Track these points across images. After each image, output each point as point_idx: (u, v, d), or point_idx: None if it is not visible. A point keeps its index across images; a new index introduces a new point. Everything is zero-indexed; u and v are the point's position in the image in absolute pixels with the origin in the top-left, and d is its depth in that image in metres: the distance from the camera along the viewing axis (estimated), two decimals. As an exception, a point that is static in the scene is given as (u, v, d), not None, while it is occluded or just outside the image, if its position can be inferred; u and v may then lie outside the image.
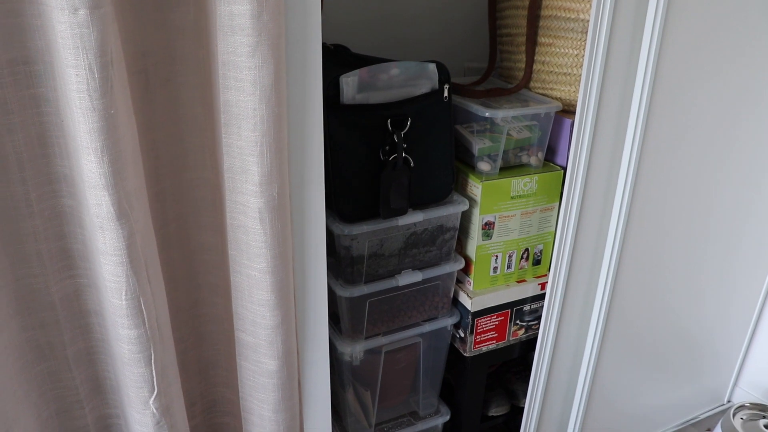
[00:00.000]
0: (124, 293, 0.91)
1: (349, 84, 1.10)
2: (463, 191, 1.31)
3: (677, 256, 1.47)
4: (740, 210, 1.51)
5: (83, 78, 0.78)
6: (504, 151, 1.29)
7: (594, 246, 1.35)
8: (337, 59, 1.31)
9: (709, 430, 1.79)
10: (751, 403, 1.68)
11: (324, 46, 1.35)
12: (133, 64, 0.90)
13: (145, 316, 0.94)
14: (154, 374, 0.98)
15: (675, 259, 1.47)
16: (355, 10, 1.63)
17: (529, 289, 1.42)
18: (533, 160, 1.33)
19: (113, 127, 0.81)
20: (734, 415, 1.64)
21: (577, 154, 1.22)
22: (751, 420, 1.64)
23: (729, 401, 1.93)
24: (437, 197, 1.26)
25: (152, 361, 0.97)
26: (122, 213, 0.86)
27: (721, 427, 1.64)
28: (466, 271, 1.36)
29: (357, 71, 1.10)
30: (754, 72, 1.32)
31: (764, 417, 1.65)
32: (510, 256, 1.37)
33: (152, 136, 0.97)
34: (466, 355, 1.42)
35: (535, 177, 1.31)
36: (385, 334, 1.33)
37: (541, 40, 1.37)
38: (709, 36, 1.21)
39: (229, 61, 0.86)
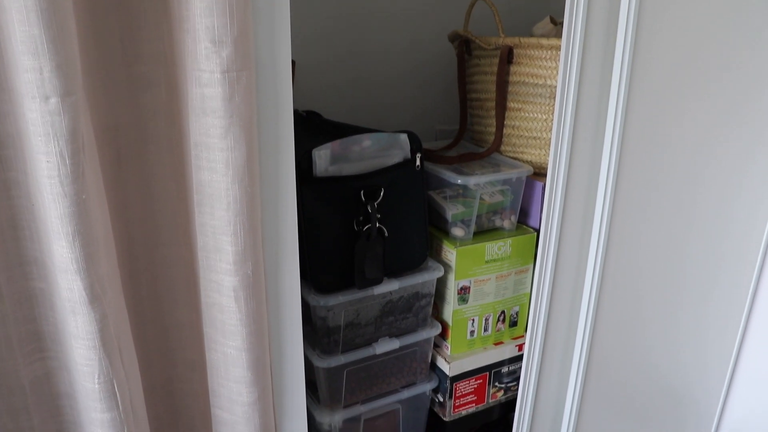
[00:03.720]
0: (96, 377, 0.90)
1: (322, 157, 1.10)
2: (437, 257, 1.32)
3: (653, 306, 1.48)
4: (713, 256, 1.53)
5: (54, 164, 0.78)
6: (477, 216, 1.30)
7: (570, 305, 1.35)
8: (310, 127, 1.33)
9: (692, 484, 1.78)
10: (732, 456, 1.68)
11: (296, 113, 1.36)
12: (105, 139, 0.90)
13: (118, 398, 0.92)
14: (128, 457, 0.96)
15: (651, 310, 1.48)
16: (327, 75, 1.65)
17: (507, 351, 1.41)
18: (506, 224, 1.35)
19: (85, 212, 0.81)
20: (716, 469, 1.64)
21: (549, 216, 1.24)
22: (733, 473, 1.63)
23: (711, 452, 1.93)
24: (412, 264, 1.27)
25: (126, 443, 0.95)
26: (94, 297, 0.85)
27: (704, 482, 1.63)
28: (443, 335, 1.36)
29: (329, 144, 1.11)
30: (722, 116, 1.34)
31: (746, 470, 1.64)
32: (486, 319, 1.37)
33: (124, 214, 0.96)
34: (446, 419, 1.40)
35: (509, 240, 1.32)
36: (363, 402, 1.31)
37: (510, 104, 1.39)
38: (673, 89, 1.24)
39: (201, 142, 0.86)
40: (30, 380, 0.96)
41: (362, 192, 1.14)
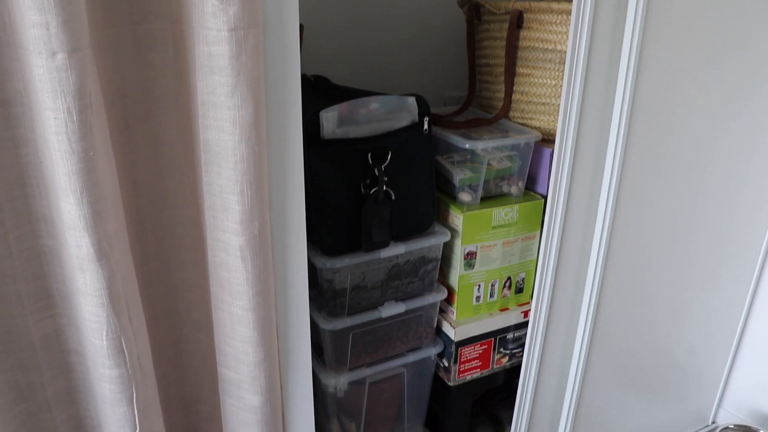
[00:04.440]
0: (104, 333, 0.91)
1: (329, 119, 1.10)
2: (444, 222, 1.32)
3: (659, 278, 1.48)
4: (721, 230, 1.53)
5: (62, 121, 0.78)
6: (485, 181, 1.30)
7: (576, 272, 1.35)
8: (318, 92, 1.32)
9: (694, 452, 1.79)
10: (735, 425, 1.69)
11: (304, 77, 1.36)
12: (113, 101, 0.90)
13: (126, 355, 0.93)
14: (136, 413, 0.98)
15: (657, 282, 1.48)
16: (336, 41, 1.64)
17: (512, 318, 1.42)
18: (514, 190, 1.34)
19: (92, 169, 0.81)
20: (718, 437, 1.65)
21: (557, 183, 1.23)
22: (735, 442, 1.65)
23: (713, 422, 1.94)
24: (419, 229, 1.27)
25: (134, 400, 0.97)
26: (102, 254, 0.85)
27: (706, 450, 1.64)
28: (449, 300, 1.37)
29: (337, 106, 1.10)
30: (731, 93, 1.34)
31: (748, 439, 1.66)
32: (492, 285, 1.38)
33: (132, 175, 0.96)
34: (451, 384, 1.42)
35: (516, 206, 1.32)
36: (369, 365, 1.33)
37: (520, 70, 1.38)
38: (684, 59, 1.23)
39: (208, 100, 0.86)
40: (40, 337, 0.98)
41: (370, 155, 1.14)
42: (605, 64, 1.16)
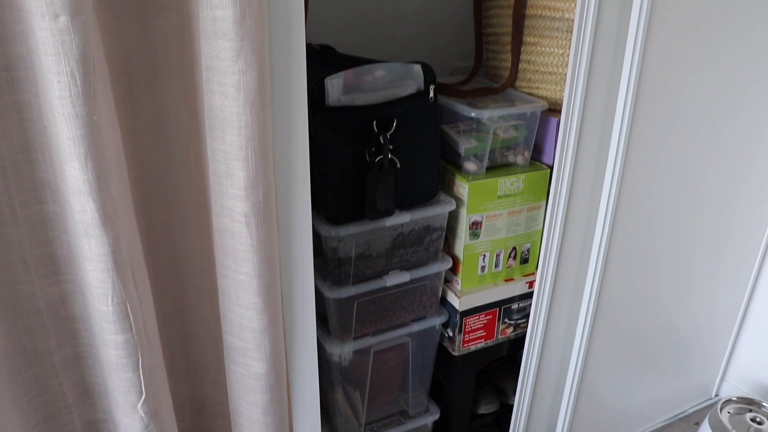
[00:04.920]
0: (110, 299, 0.91)
1: (334, 86, 1.09)
2: (449, 191, 1.32)
3: (665, 251, 1.48)
4: (727, 203, 1.52)
5: (65, 85, 0.78)
6: (490, 151, 1.29)
7: (581, 243, 1.35)
8: (323, 60, 1.31)
9: (697, 424, 1.80)
10: (738, 397, 1.69)
11: (309, 46, 1.35)
12: (116, 68, 0.90)
13: (131, 321, 0.94)
14: (141, 378, 0.98)
15: (662, 255, 1.48)
16: (341, 10, 1.63)
17: (517, 288, 1.42)
18: (520, 160, 1.34)
19: (97, 133, 0.81)
20: (721, 409, 1.65)
21: (563, 153, 1.23)
22: (738, 414, 1.65)
23: (717, 395, 1.95)
24: (424, 198, 1.26)
25: (140, 365, 0.97)
26: (107, 219, 0.86)
27: (709, 422, 1.65)
28: (453, 270, 1.37)
29: (342, 73, 1.10)
30: (740, 66, 1.33)
31: (751, 410, 1.66)
32: (498, 255, 1.37)
33: (136, 140, 0.96)
34: (455, 354, 1.42)
35: (522, 176, 1.31)
36: (373, 334, 1.33)
37: (527, 39, 1.37)
38: (694, 30, 1.21)
39: (212, 65, 0.86)
40: (46, 303, 0.98)
41: (375, 122, 1.13)
42: (613, 33, 1.15)
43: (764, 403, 1.65)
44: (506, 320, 1.44)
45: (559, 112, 1.21)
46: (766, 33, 1.31)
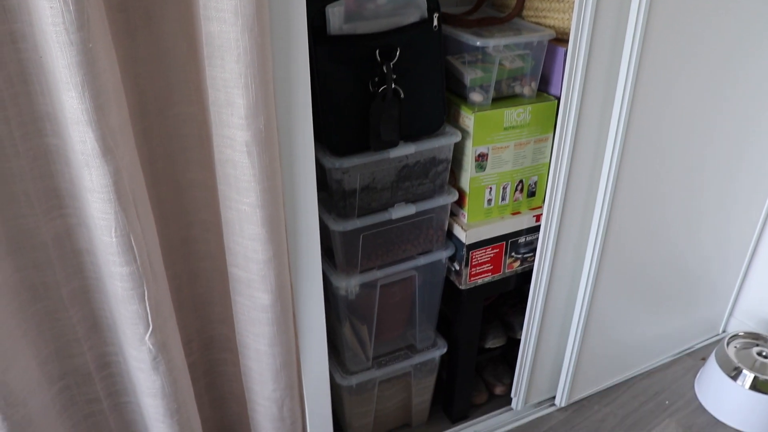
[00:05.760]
0: (113, 230, 0.91)
1: (335, 14, 1.07)
2: (455, 123, 1.30)
3: (674, 185, 1.46)
4: (739, 137, 1.50)
5: (58, 11, 0.76)
6: (496, 82, 1.27)
7: (589, 176, 1.34)
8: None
9: (703, 359, 1.81)
10: (744, 332, 1.70)
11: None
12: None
13: (136, 252, 0.94)
14: (148, 311, 0.99)
15: (672, 189, 1.46)
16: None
17: (524, 221, 1.41)
18: (526, 90, 1.31)
19: (92, 61, 0.80)
20: (728, 344, 1.66)
21: (570, 84, 1.21)
22: (744, 348, 1.66)
23: (724, 331, 1.95)
24: (429, 129, 1.25)
25: (146, 297, 0.98)
26: (107, 149, 0.85)
27: (715, 356, 1.66)
28: (460, 203, 1.36)
29: (343, 0, 1.07)
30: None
31: (757, 345, 1.67)
32: (504, 188, 1.36)
33: (135, 72, 0.95)
34: (462, 287, 1.42)
35: (529, 107, 1.29)
36: (379, 267, 1.33)
37: (534, -35, 1.33)
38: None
39: (209, -10, 0.84)
40: (52, 237, 0.98)
41: (377, 51, 1.11)
42: (623, -44, 1.12)
43: (772, 337, 1.66)
44: (513, 254, 1.44)
45: (567, 41, 1.18)
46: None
